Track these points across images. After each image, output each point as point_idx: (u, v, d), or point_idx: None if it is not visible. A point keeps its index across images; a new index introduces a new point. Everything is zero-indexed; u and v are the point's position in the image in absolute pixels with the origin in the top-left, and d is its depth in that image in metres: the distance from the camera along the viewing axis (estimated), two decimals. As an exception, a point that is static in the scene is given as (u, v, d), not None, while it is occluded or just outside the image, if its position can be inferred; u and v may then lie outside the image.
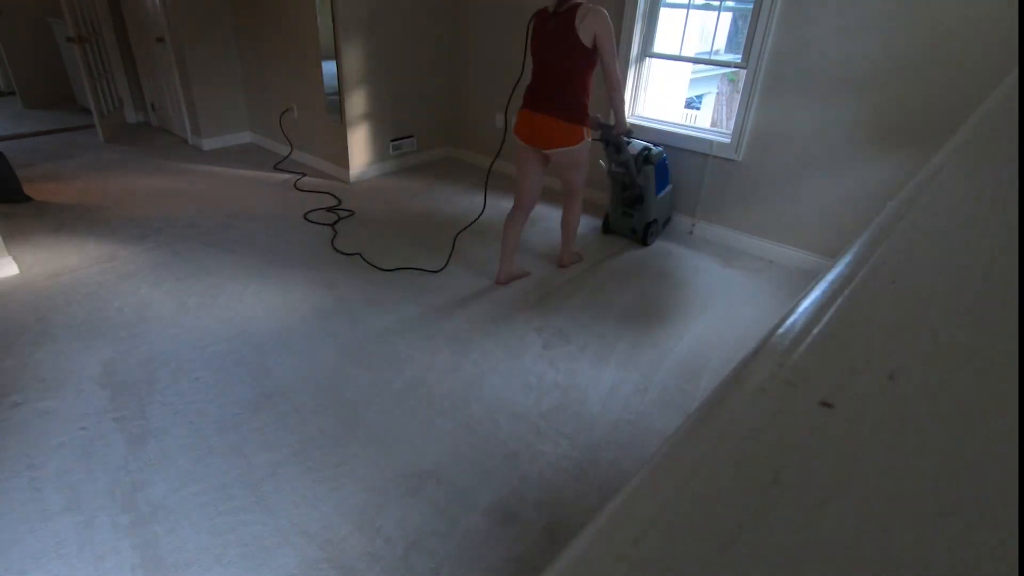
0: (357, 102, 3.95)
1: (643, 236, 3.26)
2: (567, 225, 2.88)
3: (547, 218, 3.65)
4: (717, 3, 4.56)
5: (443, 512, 1.65)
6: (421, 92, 4.36)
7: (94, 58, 4.59)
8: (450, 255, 3.04)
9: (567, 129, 2.43)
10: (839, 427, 0.23)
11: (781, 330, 0.29)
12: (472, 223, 3.28)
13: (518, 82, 2.64)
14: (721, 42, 6.36)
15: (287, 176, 4.19)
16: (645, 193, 3.11)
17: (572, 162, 2.55)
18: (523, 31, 3.94)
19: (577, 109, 2.42)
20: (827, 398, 0.24)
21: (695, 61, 3.80)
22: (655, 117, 3.61)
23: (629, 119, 3.59)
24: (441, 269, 2.96)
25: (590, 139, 2.52)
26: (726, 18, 6.62)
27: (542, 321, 2.57)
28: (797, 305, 0.31)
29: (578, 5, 2.31)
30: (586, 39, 2.30)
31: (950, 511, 0.19)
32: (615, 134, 2.66)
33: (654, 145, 3.14)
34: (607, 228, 3.44)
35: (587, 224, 3.54)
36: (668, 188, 3.32)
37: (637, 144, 3.10)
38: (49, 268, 2.79)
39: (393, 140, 4.32)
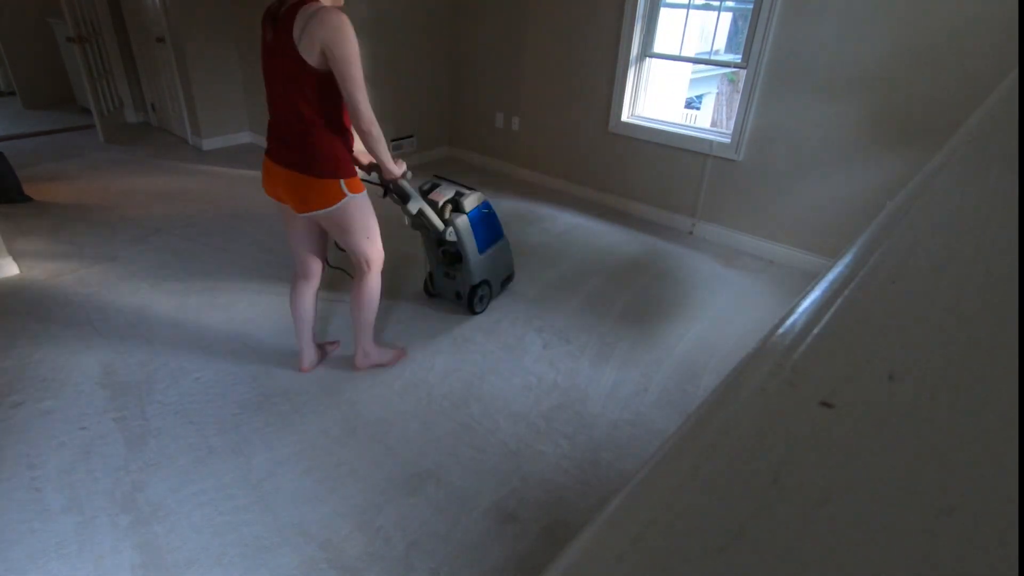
0: (357, 102, 3.95)
1: (468, 302, 2.57)
2: (353, 316, 2.09)
3: (548, 218, 3.65)
4: (717, 3, 4.57)
5: (443, 512, 1.65)
6: (421, 92, 4.36)
7: (94, 58, 4.59)
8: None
9: (318, 186, 1.74)
10: (839, 427, 0.23)
11: (781, 330, 0.29)
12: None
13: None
14: (721, 42, 6.36)
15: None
16: (462, 251, 2.41)
17: (335, 225, 1.85)
18: (522, 31, 3.93)
19: (325, 158, 1.72)
20: (827, 398, 0.24)
21: (695, 61, 3.80)
22: (655, 117, 3.61)
23: (627, 118, 3.59)
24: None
25: (356, 194, 1.82)
26: (726, 18, 6.61)
27: (542, 321, 2.57)
28: (797, 305, 0.31)
29: (301, 3, 1.57)
30: (309, 56, 1.58)
31: (950, 511, 0.19)
32: (385, 181, 2.03)
33: (469, 189, 2.46)
34: (428, 291, 2.74)
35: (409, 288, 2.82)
36: (501, 242, 2.63)
37: (446, 189, 2.42)
38: (49, 268, 2.79)
39: (393, 140, 4.32)
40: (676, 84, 4.08)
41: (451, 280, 2.59)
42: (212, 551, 1.51)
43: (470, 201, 2.43)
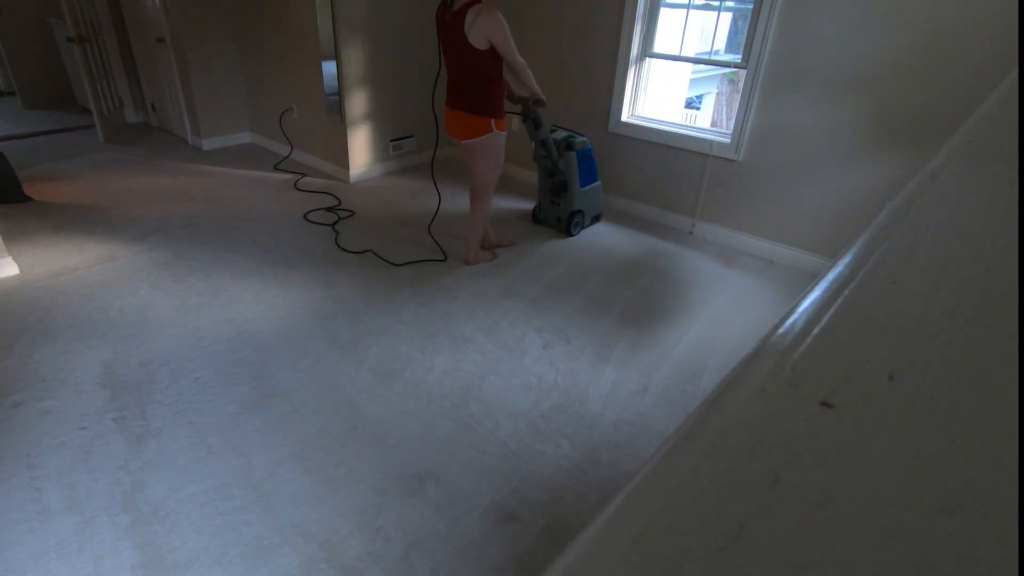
0: (357, 102, 3.95)
1: (567, 226, 3.31)
2: (468, 225, 2.95)
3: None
4: (717, 3, 4.57)
5: (443, 512, 1.65)
6: (421, 92, 4.36)
7: (94, 58, 4.59)
8: (441, 247, 3.13)
9: (477, 122, 2.57)
10: (839, 427, 0.23)
11: (781, 330, 0.29)
12: (435, 215, 3.36)
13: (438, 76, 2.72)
14: (721, 42, 6.36)
15: (287, 176, 4.19)
16: (568, 180, 3.18)
17: (475, 152, 2.68)
18: (522, 31, 3.95)
19: (485, 104, 2.54)
20: (827, 398, 0.24)
21: (695, 61, 3.80)
22: (655, 117, 3.61)
23: (627, 118, 3.60)
24: (445, 259, 3.06)
25: (501, 132, 2.62)
26: (726, 18, 6.62)
27: (542, 321, 2.57)
28: (797, 305, 0.31)
29: (470, 4, 2.34)
30: (479, 41, 2.39)
31: (950, 510, 0.19)
32: (530, 105, 2.74)
33: (580, 136, 3.26)
34: (536, 218, 3.52)
35: (519, 212, 3.71)
36: (596, 184, 3.38)
37: (562, 133, 3.24)
38: (49, 268, 2.79)
39: (393, 140, 4.32)
40: (676, 84, 4.08)
41: (555, 207, 3.34)
42: (212, 551, 1.51)
43: (579, 142, 3.20)
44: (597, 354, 2.37)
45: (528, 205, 3.80)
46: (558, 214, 3.33)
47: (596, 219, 3.55)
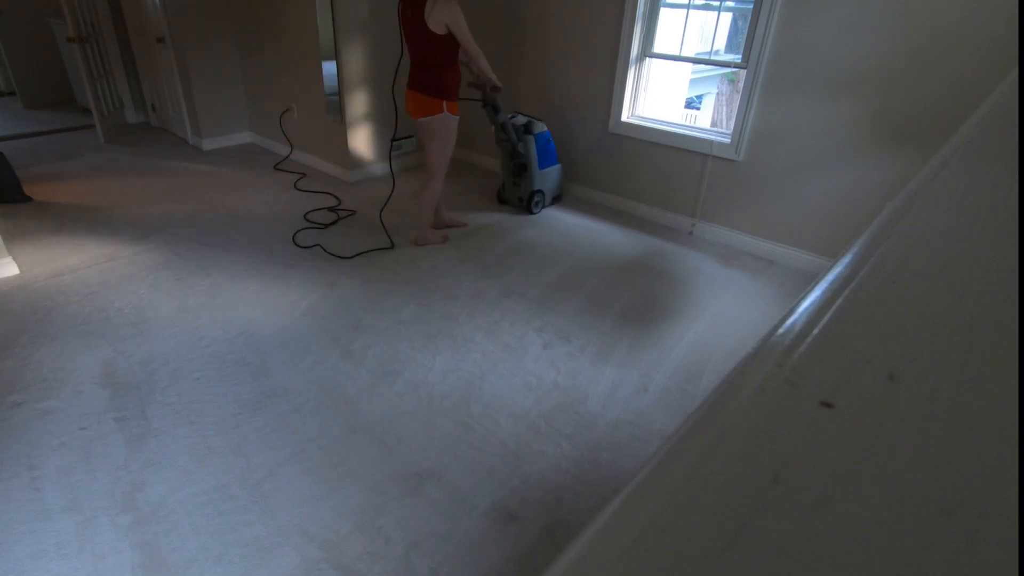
0: (357, 102, 3.95)
1: (527, 204, 3.61)
2: (419, 207, 3.14)
3: (547, 218, 3.65)
4: (717, 3, 4.57)
5: (443, 512, 1.65)
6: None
7: (94, 58, 4.59)
8: (389, 235, 3.26)
9: (429, 102, 2.78)
10: (839, 427, 0.23)
11: (781, 330, 0.29)
12: (387, 201, 3.47)
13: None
14: (721, 42, 6.36)
15: (287, 176, 4.19)
16: (527, 162, 3.46)
17: (429, 131, 2.89)
18: (522, 31, 3.95)
19: (438, 86, 2.76)
20: (827, 398, 0.24)
21: (695, 61, 3.80)
22: (655, 117, 3.61)
23: (627, 118, 3.60)
24: (392, 246, 3.17)
25: (452, 114, 2.84)
26: (726, 18, 6.62)
27: (542, 321, 2.57)
28: (797, 305, 0.31)
29: None
30: (438, 27, 2.61)
31: (950, 511, 0.19)
32: (488, 91, 2.98)
33: (539, 121, 3.54)
34: (500, 198, 3.81)
35: (484, 192, 4.01)
36: (556, 166, 3.67)
37: (522, 118, 3.52)
38: (49, 268, 2.79)
39: (393, 140, 4.31)
40: (676, 84, 4.08)
41: (516, 187, 3.62)
42: (212, 551, 1.51)
43: (538, 127, 3.48)
44: (597, 354, 2.37)
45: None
46: (520, 194, 3.61)
47: (557, 200, 3.85)
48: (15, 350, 2.21)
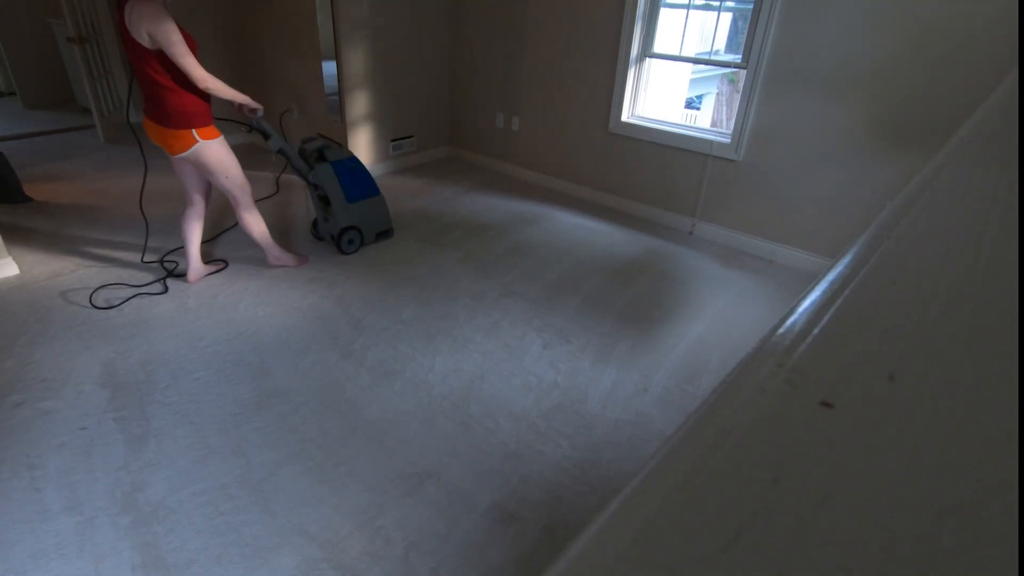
0: (357, 102, 3.95)
1: (337, 243, 2.99)
2: (253, 237, 2.75)
3: (548, 218, 3.65)
4: (717, 3, 4.57)
5: (443, 512, 1.65)
6: (421, 92, 4.36)
7: (94, 58, 4.58)
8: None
9: (174, 135, 2.28)
10: (839, 427, 0.23)
11: (781, 330, 0.29)
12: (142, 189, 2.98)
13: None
14: (721, 42, 6.36)
15: (287, 176, 4.19)
16: (328, 194, 2.88)
17: (200, 166, 2.43)
18: (522, 31, 3.94)
19: (177, 114, 2.23)
20: (827, 398, 0.24)
21: (695, 61, 3.80)
22: (655, 117, 3.61)
23: (627, 118, 3.59)
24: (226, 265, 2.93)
25: (210, 140, 2.37)
26: (726, 18, 6.62)
27: (542, 321, 2.57)
28: (797, 305, 0.31)
29: None
30: (141, 39, 2.03)
31: (950, 511, 0.19)
32: (245, 113, 2.61)
33: (338, 145, 2.98)
34: (314, 233, 3.24)
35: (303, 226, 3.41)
36: (375, 197, 3.05)
37: (318, 142, 2.98)
38: (49, 268, 2.79)
39: (393, 140, 4.32)
40: (676, 84, 4.08)
41: (327, 223, 3.07)
42: (212, 551, 1.51)
43: (332, 153, 2.90)
44: (597, 354, 2.37)
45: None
46: (331, 230, 3.04)
47: (385, 234, 3.22)
48: (15, 350, 2.21)
